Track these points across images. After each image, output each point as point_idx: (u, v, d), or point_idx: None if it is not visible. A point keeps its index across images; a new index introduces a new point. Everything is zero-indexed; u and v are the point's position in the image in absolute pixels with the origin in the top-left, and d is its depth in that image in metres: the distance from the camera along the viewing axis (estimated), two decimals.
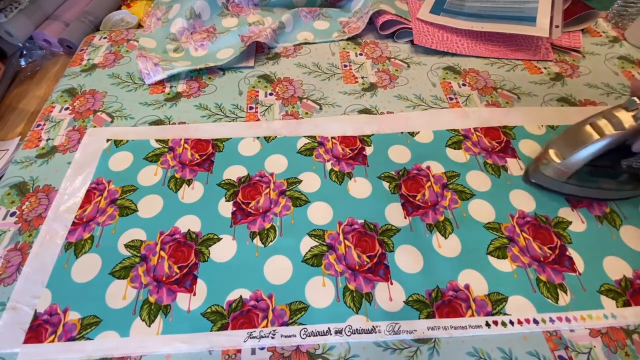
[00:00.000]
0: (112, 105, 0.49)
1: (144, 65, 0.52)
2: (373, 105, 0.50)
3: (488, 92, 0.52)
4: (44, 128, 0.47)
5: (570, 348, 0.31)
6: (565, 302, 0.34)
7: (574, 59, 0.58)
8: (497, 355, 0.31)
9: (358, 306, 0.33)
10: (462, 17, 0.60)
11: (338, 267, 0.36)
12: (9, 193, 0.40)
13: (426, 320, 0.33)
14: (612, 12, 0.65)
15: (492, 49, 0.58)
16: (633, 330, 0.32)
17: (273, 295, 0.34)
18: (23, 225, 0.38)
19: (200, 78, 0.53)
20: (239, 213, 0.39)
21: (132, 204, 0.40)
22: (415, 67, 0.56)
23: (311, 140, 0.46)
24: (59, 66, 0.59)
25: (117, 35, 0.60)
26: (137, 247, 0.36)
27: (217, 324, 0.32)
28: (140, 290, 0.34)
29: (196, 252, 0.36)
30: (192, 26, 0.60)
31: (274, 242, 0.37)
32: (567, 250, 0.37)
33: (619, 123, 0.33)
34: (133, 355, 0.31)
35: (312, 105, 0.50)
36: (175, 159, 0.43)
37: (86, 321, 0.32)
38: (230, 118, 0.48)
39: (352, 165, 0.43)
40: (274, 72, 0.55)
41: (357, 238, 0.37)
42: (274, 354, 0.31)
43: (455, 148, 0.45)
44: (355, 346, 0.32)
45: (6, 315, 0.32)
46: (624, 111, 0.34)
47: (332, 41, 0.60)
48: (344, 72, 0.55)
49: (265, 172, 0.43)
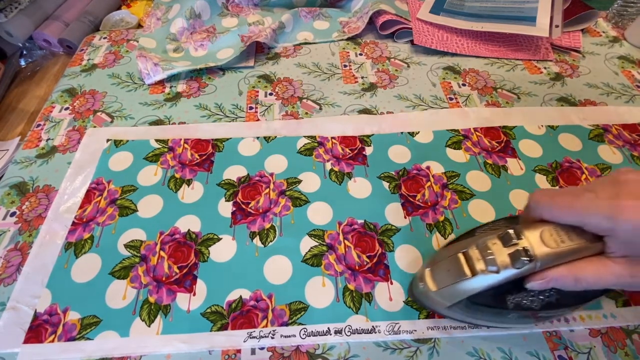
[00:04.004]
0: (112, 105, 0.49)
1: (144, 65, 0.52)
2: (373, 105, 0.50)
3: (488, 92, 0.52)
4: (44, 128, 0.47)
5: (570, 348, 0.31)
6: None
7: (574, 59, 0.58)
8: (497, 355, 0.31)
9: (358, 306, 0.33)
10: (462, 17, 0.60)
11: (338, 267, 0.36)
12: (9, 193, 0.40)
13: (426, 320, 0.33)
14: (612, 12, 0.65)
15: (492, 49, 0.58)
16: (633, 330, 0.32)
17: (273, 295, 0.34)
18: (23, 225, 0.38)
19: (200, 78, 0.54)
20: (238, 213, 0.39)
21: (132, 204, 0.40)
22: (415, 67, 0.56)
23: (311, 140, 0.46)
24: (59, 66, 0.59)
25: (117, 35, 0.60)
26: (137, 247, 0.36)
27: (217, 324, 0.32)
28: (140, 290, 0.34)
29: (196, 252, 0.36)
30: (192, 26, 0.60)
31: (274, 242, 0.37)
32: None
33: (492, 260, 0.25)
34: (133, 355, 0.31)
35: (312, 105, 0.50)
36: (175, 159, 0.43)
37: (86, 321, 0.32)
38: (230, 118, 0.48)
39: (352, 165, 0.43)
40: (273, 72, 0.55)
41: (357, 238, 0.37)
42: (274, 354, 0.31)
43: (455, 148, 0.45)
44: (355, 346, 0.32)
45: (6, 315, 0.32)
46: (499, 244, 0.26)
47: (332, 41, 0.60)
48: (344, 72, 0.55)
49: (265, 172, 0.43)
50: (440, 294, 0.29)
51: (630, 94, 0.52)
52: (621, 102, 0.51)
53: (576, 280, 0.24)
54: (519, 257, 0.24)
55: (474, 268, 0.26)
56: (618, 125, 0.48)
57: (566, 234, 0.24)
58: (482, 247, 0.26)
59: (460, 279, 0.27)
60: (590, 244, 0.24)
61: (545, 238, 0.24)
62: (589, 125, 0.48)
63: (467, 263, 0.27)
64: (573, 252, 0.24)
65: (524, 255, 0.24)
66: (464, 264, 0.27)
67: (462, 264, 0.27)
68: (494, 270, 0.25)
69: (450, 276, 0.28)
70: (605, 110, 0.50)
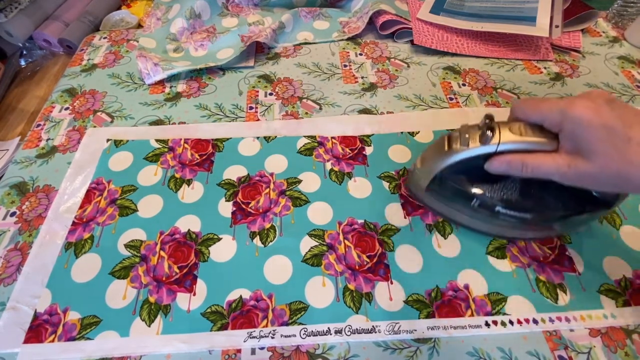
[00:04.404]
0: (112, 105, 0.50)
1: (144, 65, 0.52)
2: (373, 105, 0.50)
3: (488, 92, 0.52)
4: (44, 128, 0.47)
5: (570, 348, 0.31)
6: (564, 302, 0.34)
7: (574, 59, 0.58)
8: (497, 355, 0.31)
9: (358, 306, 0.33)
10: (462, 17, 0.60)
11: (338, 267, 0.36)
12: (9, 193, 0.40)
13: (426, 320, 0.33)
14: (612, 12, 0.65)
15: (492, 49, 0.58)
16: (633, 330, 0.32)
17: (273, 295, 0.34)
18: (23, 225, 0.38)
19: (200, 78, 0.54)
20: (238, 213, 0.39)
21: (132, 204, 0.40)
22: (415, 67, 0.56)
23: (311, 140, 0.46)
24: (59, 66, 0.59)
25: (117, 35, 0.60)
26: (137, 247, 0.36)
27: (217, 323, 0.32)
28: (140, 290, 0.34)
29: (196, 252, 0.36)
30: (192, 26, 0.60)
31: (274, 242, 0.37)
32: (566, 250, 0.37)
33: (465, 138, 0.30)
34: (133, 355, 0.31)
35: (312, 105, 0.50)
36: (175, 159, 0.43)
37: (86, 321, 0.32)
38: (230, 118, 0.48)
39: (352, 165, 0.43)
40: (273, 72, 0.55)
41: (357, 238, 0.37)
42: (274, 354, 0.31)
43: None
44: (355, 346, 0.32)
45: (6, 315, 0.32)
46: (476, 127, 0.31)
47: (332, 41, 0.60)
48: (344, 72, 0.55)
49: (265, 172, 0.43)
50: (422, 171, 0.35)
51: (630, 94, 0.52)
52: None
53: (523, 164, 0.28)
54: (485, 135, 0.29)
55: (451, 145, 0.31)
56: None
57: (530, 130, 0.29)
58: (463, 130, 0.31)
59: (438, 154, 0.33)
60: (546, 140, 0.28)
61: (512, 129, 0.29)
62: None
63: (448, 142, 0.32)
64: (530, 143, 0.28)
65: (490, 135, 0.29)
66: (445, 143, 0.32)
67: (444, 143, 0.32)
68: (465, 146, 0.30)
69: (432, 154, 0.34)
70: None
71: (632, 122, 0.24)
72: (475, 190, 0.34)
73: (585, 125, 0.25)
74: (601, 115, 0.25)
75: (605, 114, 0.25)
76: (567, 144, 0.27)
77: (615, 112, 0.25)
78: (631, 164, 0.24)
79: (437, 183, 0.34)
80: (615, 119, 0.24)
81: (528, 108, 0.29)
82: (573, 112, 0.25)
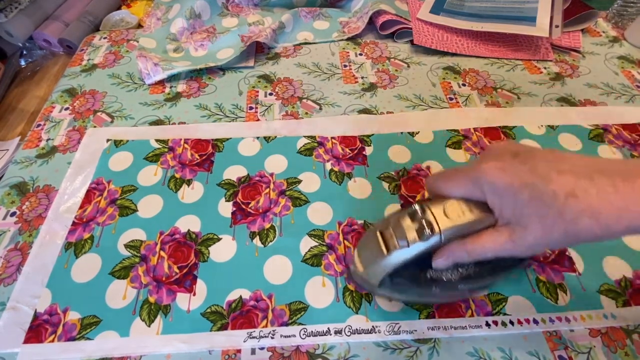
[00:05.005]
0: (112, 105, 0.50)
1: (144, 65, 0.52)
2: (373, 105, 0.50)
3: (488, 92, 0.52)
4: (44, 128, 0.47)
5: (570, 348, 0.31)
6: (564, 302, 0.34)
7: (573, 59, 0.58)
8: (497, 355, 0.31)
9: (358, 306, 0.33)
10: (462, 17, 0.60)
11: (338, 267, 0.36)
12: (9, 193, 0.40)
13: (426, 320, 0.33)
14: (612, 12, 0.65)
15: (492, 49, 0.58)
16: (633, 330, 0.32)
17: (273, 295, 0.34)
18: (23, 225, 0.38)
19: (200, 78, 0.54)
20: (238, 213, 0.39)
21: (132, 204, 0.40)
22: (415, 67, 0.56)
23: (311, 140, 0.46)
24: (59, 66, 0.59)
25: (117, 35, 0.60)
26: (137, 247, 0.36)
27: (217, 324, 0.32)
28: (140, 290, 0.34)
29: (196, 252, 0.36)
30: (192, 26, 0.60)
31: (274, 242, 0.37)
32: (566, 250, 0.37)
33: (402, 236, 0.26)
34: (133, 355, 0.31)
35: (312, 105, 0.50)
36: (175, 159, 0.43)
37: (86, 321, 0.32)
38: (230, 118, 0.48)
39: (352, 165, 0.43)
40: (273, 72, 0.55)
41: (357, 238, 0.37)
42: (274, 354, 0.31)
43: (455, 148, 0.45)
44: (355, 346, 0.32)
45: (6, 315, 0.32)
46: (408, 220, 0.27)
47: (332, 41, 0.60)
48: (344, 72, 0.55)
49: (265, 172, 0.43)
50: (367, 274, 0.30)
51: (630, 94, 0.52)
52: (621, 102, 0.51)
53: (467, 252, 0.26)
54: (423, 230, 0.25)
55: (388, 245, 0.27)
56: (618, 125, 0.48)
57: (467, 207, 0.26)
58: (394, 224, 0.27)
59: (378, 257, 0.28)
60: (484, 215, 0.25)
61: (448, 211, 0.26)
62: (589, 125, 0.48)
63: (384, 241, 0.28)
64: (473, 223, 0.25)
65: (428, 228, 0.25)
66: (380, 242, 0.28)
67: (380, 242, 0.28)
68: (405, 245, 0.26)
69: (371, 255, 0.29)
70: (605, 110, 0.50)
71: (546, 174, 0.22)
72: (432, 276, 0.29)
73: (503, 190, 0.23)
74: (515, 174, 0.23)
75: (518, 171, 0.23)
76: (504, 213, 0.24)
77: (527, 165, 0.23)
78: (572, 221, 0.21)
79: (388, 281, 0.30)
80: (529, 174, 0.23)
81: (443, 187, 0.27)
82: (486, 179, 0.24)
